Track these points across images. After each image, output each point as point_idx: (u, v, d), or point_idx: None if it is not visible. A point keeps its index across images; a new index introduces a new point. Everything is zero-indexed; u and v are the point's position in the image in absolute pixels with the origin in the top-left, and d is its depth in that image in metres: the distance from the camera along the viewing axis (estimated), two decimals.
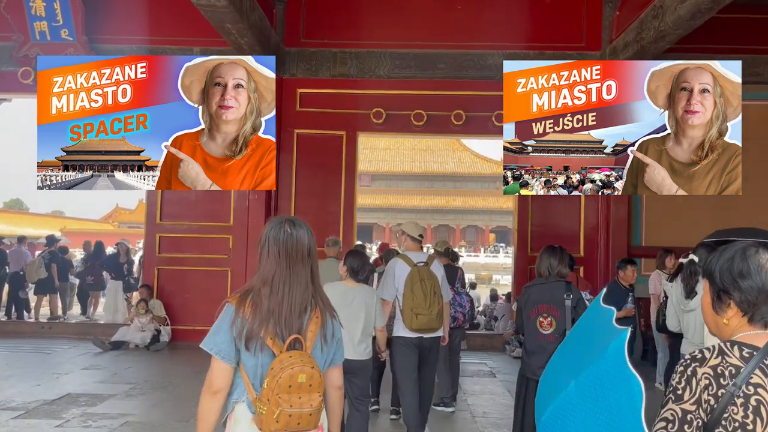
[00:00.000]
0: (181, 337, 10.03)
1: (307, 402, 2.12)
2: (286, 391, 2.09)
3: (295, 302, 2.24)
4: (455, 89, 10.27)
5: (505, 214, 63.68)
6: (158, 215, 10.35)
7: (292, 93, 10.39)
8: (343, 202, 10.36)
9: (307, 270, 2.30)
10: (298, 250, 2.28)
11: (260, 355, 2.19)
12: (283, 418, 2.09)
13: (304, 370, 2.12)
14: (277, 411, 2.08)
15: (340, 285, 4.53)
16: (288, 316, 2.22)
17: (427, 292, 4.85)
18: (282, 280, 2.25)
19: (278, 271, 2.26)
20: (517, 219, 10.22)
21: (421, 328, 4.83)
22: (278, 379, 2.10)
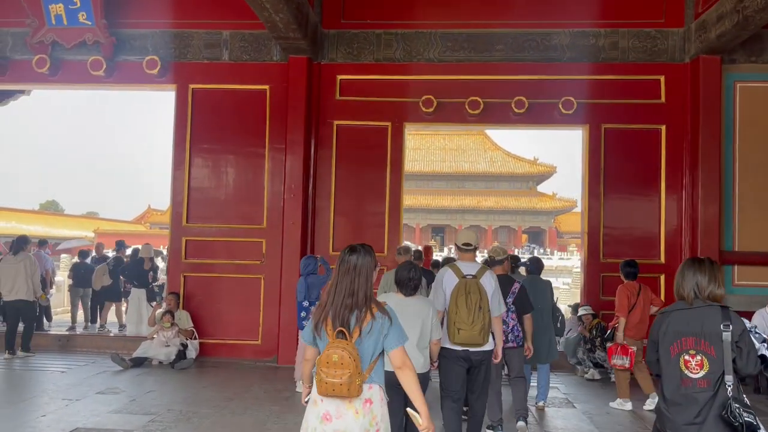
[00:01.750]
0: (209, 351, 9.03)
1: (338, 375, 2.86)
2: (325, 365, 2.89)
3: (346, 304, 3.00)
4: (516, 73, 9.07)
5: (538, 215, 62.30)
6: (185, 216, 9.36)
7: (331, 80, 9.32)
8: (388, 201, 9.24)
9: (355, 281, 3.03)
10: (348, 269, 3.06)
11: (322, 339, 3.04)
12: (322, 385, 2.90)
13: (337, 352, 2.88)
14: (320, 379, 2.90)
15: (394, 296, 4.41)
16: (341, 313, 2.99)
17: (471, 307, 4.65)
18: (339, 288, 3.05)
19: (336, 283, 3.07)
20: (587, 220, 8.98)
21: (464, 342, 4.67)
22: (324, 357, 2.90)
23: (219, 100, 9.40)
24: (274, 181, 9.21)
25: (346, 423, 2.95)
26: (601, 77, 9.02)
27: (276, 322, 8.92)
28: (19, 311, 8.96)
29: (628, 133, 8.98)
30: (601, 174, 8.97)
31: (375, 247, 8.50)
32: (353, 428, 2.95)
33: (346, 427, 2.95)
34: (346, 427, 2.95)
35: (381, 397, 3.06)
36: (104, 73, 9.26)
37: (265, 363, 8.82)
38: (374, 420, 3.00)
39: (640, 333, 6.91)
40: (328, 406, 2.97)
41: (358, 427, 2.95)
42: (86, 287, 12.12)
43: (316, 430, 2.99)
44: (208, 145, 9.39)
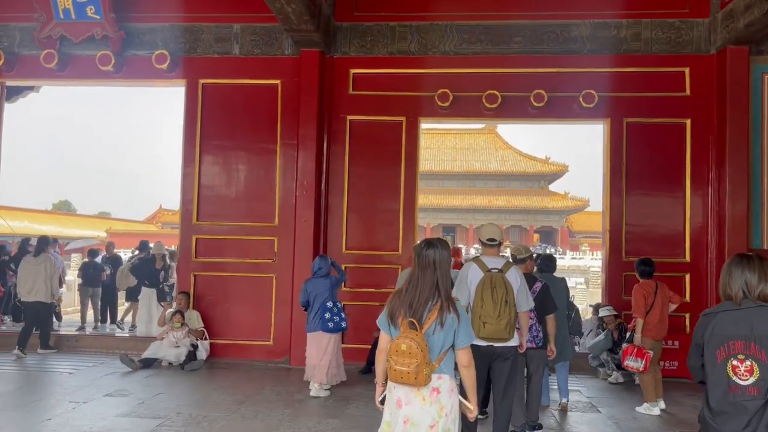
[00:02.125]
0: (220, 352, 8.82)
1: (406, 363, 3.04)
2: (395, 353, 3.08)
3: (422, 297, 3.19)
4: (534, 66, 8.79)
5: (550, 214, 61.84)
6: (195, 214, 9.16)
7: (344, 74, 9.08)
8: (402, 198, 8.98)
9: (434, 275, 3.23)
10: (427, 264, 3.25)
11: (396, 329, 3.21)
12: (392, 372, 3.10)
13: (406, 342, 3.06)
14: (390, 366, 3.10)
15: None
16: (415, 305, 3.18)
17: (497, 301, 4.62)
18: (415, 281, 3.25)
19: (413, 276, 3.28)
20: (608, 218, 8.69)
21: (489, 336, 4.62)
22: (394, 345, 3.10)
23: (229, 95, 9.20)
24: (286, 178, 8.99)
25: (413, 409, 3.13)
26: (623, 69, 8.71)
27: (288, 322, 8.70)
28: (38, 313, 8.96)
29: (651, 128, 8.68)
30: (623, 170, 8.67)
31: (389, 245, 8.38)
32: (420, 415, 3.12)
33: (413, 413, 3.13)
34: (413, 413, 3.13)
35: (450, 387, 3.19)
36: (113, 68, 9.08)
37: (277, 364, 8.61)
38: (442, 410, 3.14)
39: (660, 333, 6.70)
40: (400, 393, 3.17)
41: (425, 415, 3.12)
42: (95, 287, 11.97)
43: (392, 414, 3.21)
44: (219, 141, 9.19)
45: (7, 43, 9.41)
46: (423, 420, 3.11)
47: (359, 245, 8.98)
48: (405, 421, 3.13)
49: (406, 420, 3.13)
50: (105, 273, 12.24)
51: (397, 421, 3.17)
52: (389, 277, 8.85)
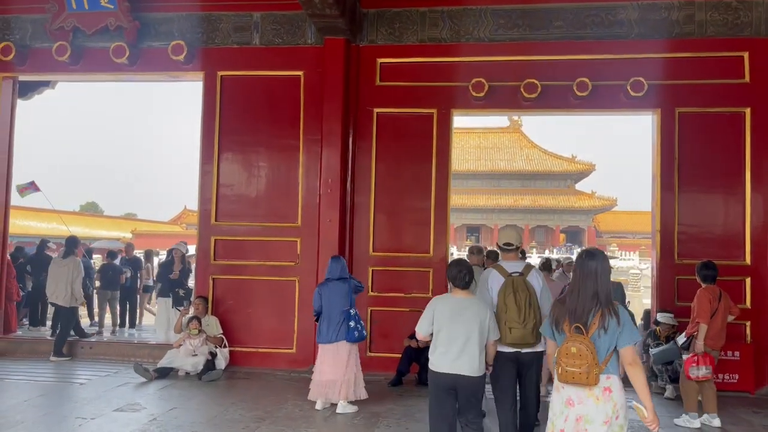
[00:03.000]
0: (240, 360, 8.30)
1: (577, 365, 3.31)
2: (565, 356, 3.35)
3: (584, 304, 3.44)
4: (577, 53, 8.11)
5: (576, 214, 60.72)
6: (213, 214, 8.65)
7: (370, 64, 8.50)
8: (433, 196, 8.36)
9: (595, 285, 3.46)
10: (589, 273, 3.48)
11: (560, 334, 3.50)
12: (564, 373, 3.36)
13: (575, 345, 3.34)
14: (561, 368, 3.37)
15: (449, 297, 4.51)
16: (579, 312, 3.43)
17: (522, 305, 4.55)
18: (577, 289, 3.50)
19: (575, 285, 3.52)
20: (659, 217, 7.97)
21: (516, 342, 4.54)
22: (563, 349, 3.38)
23: (249, 87, 8.68)
24: (309, 176, 8.44)
25: (587, 408, 3.35)
26: (675, 55, 7.99)
27: (311, 329, 8.12)
28: (57, 315, 9.11)
29: (706, 118, 7.94)
30: (675, 164, 7.95)
31: (419, 247, 7.73)
32: (595, 413, 3.34)
33: (587, 411, 3.35)
34: (587, 411, 3.35)
35: (620, 386, 3.40)
36: (127, 60, 8.61)
37: (300, 374, 8.05)
38: (615, 407, 3.35)
39: (718, 343, 6.22)
40: (570, 392, 3.40)
41: (599, 412, 3.33)
42: (114, 290, 11.56)
43: (562, 413, 3.43)
44: (238, 137, 8.67)
45: (19, 36, 9.00)
46: (597, 417, 3.33)
47: (387, 247, 8.39)
48: (578, 419, 3.37)
49: (579, 418, 3.37)
50: (124, 275, 11.84)
51: (567, 419, 3.41)
52: (420, 280, 8.26)
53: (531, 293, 4.60)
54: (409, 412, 6.36)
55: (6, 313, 9.55)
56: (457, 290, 4.47)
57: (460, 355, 4.25)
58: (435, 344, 4.36)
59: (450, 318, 4.32)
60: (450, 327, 4.30)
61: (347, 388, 6.30)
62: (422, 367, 7.62)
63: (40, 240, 12.64)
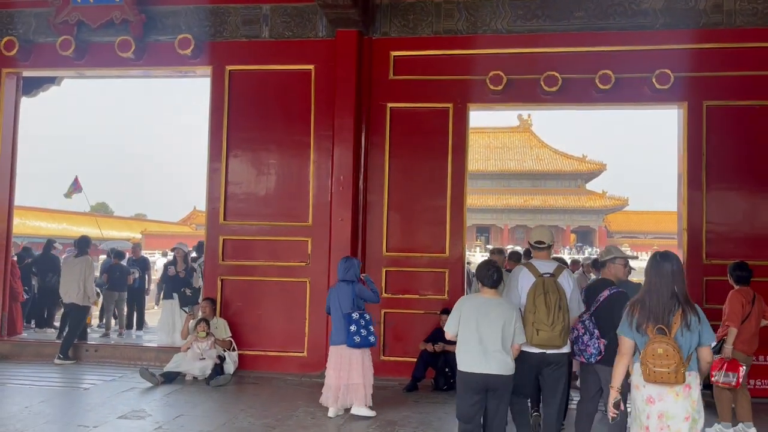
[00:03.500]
0: (249, 364, 8.03)
1: (665, 365, 3.41)
2: (651, 357, 3.45)
3: (665, 304, 3.54)
4: (599, 44, 7.78)
5: (587, 214, 60.26)
6: (222, 213, 8.38)
7: (384, 57, 8.20)
8: (449, 194, 8.06)
9: (672, 285, 3.56)
10: (665, 274, 3.58)
11: (642, 336, 3.57)
12: (651, 374, 3.46)
13: (661, 346, 3.44)
14: (648, 369, 3.46)
15: (476, 297, 4.56)
16: (658, 313, 3.53)
17: (551, 306, 4.45)
18: (654, 290, 3.59)
19: (653, 287, 3.61)
20: (686, 215, 7.62)
21: (542, 344, 4.48)
22: (649, 350, 3.47)
23: (259, 82, 8.40)
24: (321, 173, 8.15)
25: (667, 405, 3.47)
26: (703, 46, 7.64)
27: (323, 332, 7.84)
28: (66, 315, 9.03)
29: (735, 112, 7.59)
30: (703, 160, 7.60)
31: (434, 247, 7.40)
32: (675, 409, 3.47)
33: (667, 408, 3.47)
34: (667, 408, 3.47)
35: (698, 383, 3.55)
36: (133, 54, 8.36)
37: (312, 378, 7.76)
38: (694, 403, 3.49)
39: (751, 348, 5.91)
40: (650, 391, 3.51)
41: (679, 408, 3.47)
42: (121, 291, 11.33)
43: (644, 410, 3.55)
44: (247, 133, 8.40)
45: (22, 31, 8.78)
46: (678, 413, 3.46)
47: (401, 247, 8.09)
48: (660, 415, 3.49)
49: (660, 415, 3.49)
50: (132, 276, 11.61)
51: (650, 416, 3.52)
52: (435, 282, 7.95)
53: (562, 295, 4.52)
54: (426, 420, 6.06)
55: (11, 314, 9.34)
56: (486, 290, 4.53)
57: (487, 354, 4.32)
58: (462, 343, 4.44)
59: (476, 318, 4.39)
60: (476, 327, 4.36)
61: (354, 392, 6.03)
62: (438, 372, 7.32)
63: (46, 240, 12.43)
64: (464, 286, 8.13)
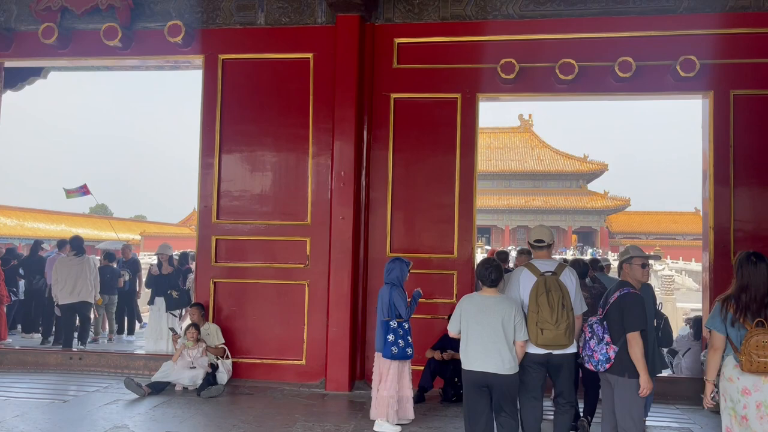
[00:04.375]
0: (244, 373, 7.52)
1: (765, 355, 3.62)
2: (755, 348, 3.66)
3: (761, 301, 3.78)
4: (618, 30, 7.27)
5: (588, 214, 59.78)
6: (214, 212, 7.86)
7: (387, 45, 7.69)
8: (457, 191, 7.54)
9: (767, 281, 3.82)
10: (760, 272, 3.83)
11: (739, 330, 3.78)
12: (754, 364, 3.66)
13: (766, 337, 3.65)
14: (752, 359, 3.65)
15: (476, 296, 4.56)
16: (755, 308, 3.77)
17: (554, 305, 4.38)
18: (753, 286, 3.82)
19: (751, 283, 3.82)
20: (712, 212, 7.10)
21: (547, 344, 4.39)
22: (753, 342, 3.67)
23: (254, 72, 7.89)
24: (320, 168, 7.64)
25: (765, 395, 3.68)
26: (729, 31, 7.13)
27: (323, 338, 7.34)
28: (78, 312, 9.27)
29: (764, 101, 7.08)
30: (731, 154, 7.09)
31: (442, 247, 6.81)
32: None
33: (765, 397, 3.68)
34: (765, 397, 3.68)
35: None
36: (120, 42, 7.84)
37: (311, 389, 7.25)
38: None
39: None
40: (746, 382, 3.73)
41: None
42: (111, 294, 10.81)
43: (740, 401, 3.75)
44: (242, 126, 7.88)
45: (3, 19, 8.26)
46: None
47: (406, 247, 7.56)
48: (758, 405, 3.69)
49: (759, 404, 3.69)
50: (122, 279, 11.09)
51: (747, 406, 3.72)
52: (443, 284, 7.44)
53: (564, 293, 4.44)
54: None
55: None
56: (486, 289, 4.53)
57: (488, 352, 4.32)
58: (463, 342, 4.47)
59: (476, 316, 4.41)
60: (477, 325, 4.38)
61: (382, 405, 5.59)
62: (447, 381, 6.80)
63: (33, 241, 11.91)
64: (474, 289, 7.61)
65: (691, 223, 62.81)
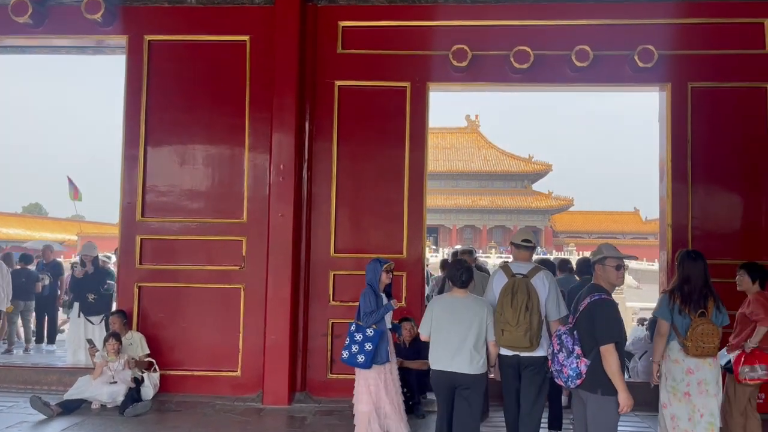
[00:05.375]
0: (173, 386, 6.80)
1: (709, 341, 4.28)
2: (701, 335, 4.26)
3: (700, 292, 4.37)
4: (576, 17, 6.91)
5: (533, 214, 60.67)
6: (139, 209, 7.11)
7: (331, 28, 7.11)
8: (407, 186, 7.03)
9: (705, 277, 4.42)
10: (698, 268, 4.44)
11: (686, 318, 4.35)
12: (699, 348, 4.27)
13: (708, 326, 4.28)
14: (695, 344, 4.28)
15: (447, 297, 4.64)
16: (696, 299, 4.35)
17: (517, 307, 4.34)
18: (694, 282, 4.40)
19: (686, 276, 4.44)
20: (670, 209, 6.82)
21: (509, 345, 4.38)
22: (697, 330, 4.28)
23: (184, 56, 7.18)
24: (258, 162, 7.00)
25: (704, 374, 4.36)
26: (687, 21, 6.88)
27: (260, 346, 6.70)
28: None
29: (722, 94, 6.85)
30: (688, 149, 6.83)
31: (390, 247, 6.10)
32: (710, 375, 4.38)
33: (705, 376, 4.36)
34: (705, 376, 4.36)
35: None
36: (31, 19, 6.99)
37: (246, 403, 6.60)
38: (718, 372, 4.47)
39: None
40: (689, 364, 4.37)
41: (712, 374, 4.39)
42: (28, 300, 9.85)
43: (683, 380, 4.39)
44: (171, 115, 7.16)
45: None
46: (712, 378, 4.38)
47: (352, 247, 7.01)
48: (699, 382, 4.36)
49: (700, 382, 4.36)
50: (41, 283, 10.11)
51: (690, 384, 4.38)
52: (392, 287, 6.87)
53: (531, 296, 4.37)
54: None
55: None
56: (456, 290, 4.53)
57: (456, 353, 4.33)
58: (433, 343, 4.47)
59: (447, 317, 4.43)
60: (447, 326, 4.40)
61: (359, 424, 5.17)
62: None
63: None
64: (424, 290, 7.13)
65: (630, 222, 64.69)
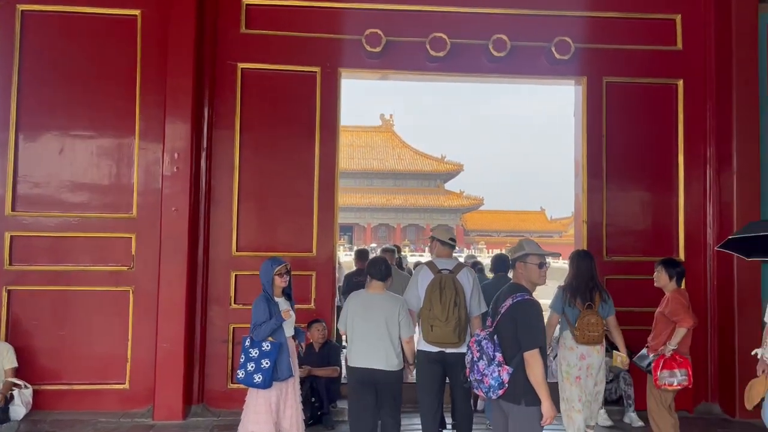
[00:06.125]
0: (48, 404, 5.99)
1: (594, 330, 4.85)
2: (587, 325, 4.84)
3: (586, 286, 4.94)
4: (495, 5, 6.67)
5: (445, 213, 61.70)
6: (9, 202, 6.22)
7: (233, 5, 6.53)
8: (317, 178, 6.55)
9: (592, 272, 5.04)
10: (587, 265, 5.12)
11: (574, 309, 4.91)
12: (586, 336, 4.86)
13: (593, 317, 4.86)
14: (583, 333, 4.83)
15: (363, 293, 4.62)
16: (583, 292, 4.92)
17: (446, 303, 4.44)
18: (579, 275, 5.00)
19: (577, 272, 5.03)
20: (585, 207, 6.70)
21: (438, 340, 4.46)
22: (585, 320, 4.85)
23: (65, 30, 6.36)
24: (149, 149, 6.30)
25: (593, 359, 4.90)
26: (604, 14, 6.80)
27: (152, 355, 6.01)
28: None
29: (636, 90, 6.81)
30: (603, 144, 6.74)
31: (299, 245, 5.30)
32: (597, 361, 4.92)
33: (593, 361, 4.90)
34: (593, 361, 4.90)
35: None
36: None
37: (134, 419, 5.90)
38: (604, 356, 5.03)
39: None
40: (581, 350, 4.89)
41: (599, 361, 4.93)
42: None
43: (576, 365, 4.90)
44: (48, 96, 6.32)
45: None
46: (597, 364, 4.93)
47: (256, 245, 6.44)
48: (588, 367, 4.89)
49: (588, 366, 4.90)
50: None
51: (581, 368, 4.90)
52: (300, 287, 6.29)
53: (458, 292, 4.49)
54: None
55: None
56: (374, 284, 4.53)
57: (372, 349, 4.34)
58: (349, 339, 4.49)
59: (361, 313, 4.43)
60: (361, 322, 4.41)
61: None
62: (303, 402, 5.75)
63: None
64: (335, 291, 6.67)
65: (537, 221, 67.25)
